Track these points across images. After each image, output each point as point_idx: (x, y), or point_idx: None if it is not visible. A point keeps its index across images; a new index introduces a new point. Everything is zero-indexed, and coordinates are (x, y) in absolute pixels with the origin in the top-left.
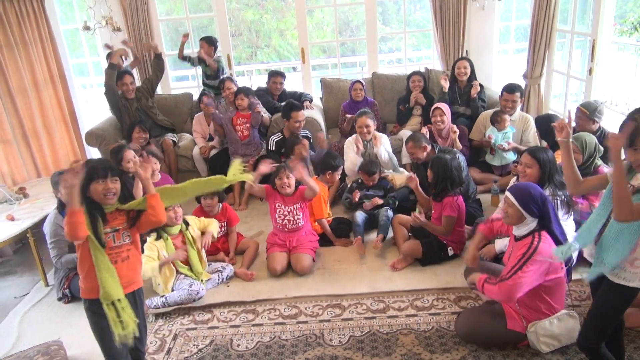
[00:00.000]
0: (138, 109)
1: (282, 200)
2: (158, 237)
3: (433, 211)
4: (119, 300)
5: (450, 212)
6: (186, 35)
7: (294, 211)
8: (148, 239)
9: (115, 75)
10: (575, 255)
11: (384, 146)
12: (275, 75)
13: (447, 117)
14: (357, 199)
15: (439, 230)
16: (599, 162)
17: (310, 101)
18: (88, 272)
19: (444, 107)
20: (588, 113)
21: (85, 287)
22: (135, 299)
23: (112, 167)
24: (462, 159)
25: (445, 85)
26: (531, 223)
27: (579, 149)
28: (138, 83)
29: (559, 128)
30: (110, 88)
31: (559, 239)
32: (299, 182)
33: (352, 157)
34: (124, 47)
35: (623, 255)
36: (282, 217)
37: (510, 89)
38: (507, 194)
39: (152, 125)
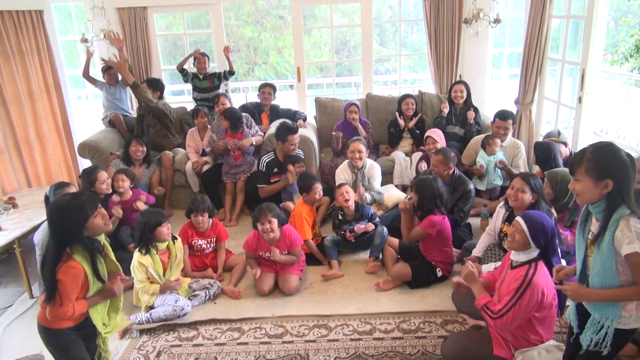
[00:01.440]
0: (143, 117)
1: (267, 248)
2: (147, 252)
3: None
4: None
5: (425, 228)
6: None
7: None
8: (135, 255)
9: (146, 87)
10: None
11: (374, 182)
12: (265, 86)
13: (440, 144)
14: (353, 239)
15: (405, 233)
16: None
17: (304, 120)
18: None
19: (436, 134)
20: (556, 138)
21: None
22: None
23: (93, 196)
24: (472, 191)
25: (445, 111)
26: (533, 252)
27: (549, 184)
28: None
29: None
30: (147, 100)
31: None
32: (284, 220)
33: (341, 176)
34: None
35: (619, 306)
36: (271, 261)
37: (502, 115)
38: (519, 219)
39: (148, 141)
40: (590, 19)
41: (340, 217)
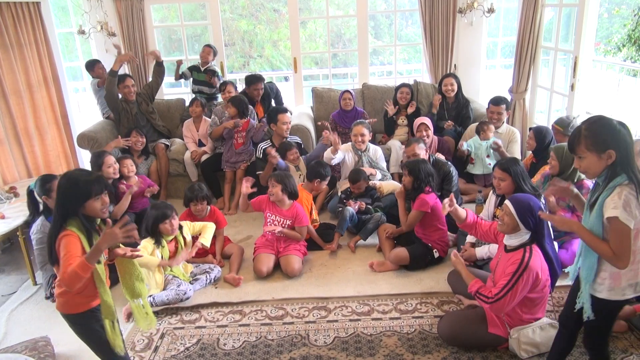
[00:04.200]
0: (138, 113)
1: (272, 209)
2: (157, 243)
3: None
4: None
5: (419, 207)
6: (180, 61)
7: (284, 225)
8: (143, 241)
9: (116, 81)
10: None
11: (380, 163)
12: (256, 82)
13: (432, 132)
14: (356, 208)
15: (402, 219)
16: (582, 175)
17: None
18: (84, 287)
19: (428, 121)
20: (562, 129)
21: (82, 301)
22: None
23: (103, 181)
24: (454, 172)
25: (435, 108)
26: (524, 235)
27: (556, 157)
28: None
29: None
30: (111, 93)
31: (549, 255)
32: (293, 191)
33: (339, 154)
34: (119, 50)
35: (595, 267)
36: (272, 241)
37: (495, 101)
38: (507, 202)
39: (149, 130)
40: (583, 7)
41: (348, 192)
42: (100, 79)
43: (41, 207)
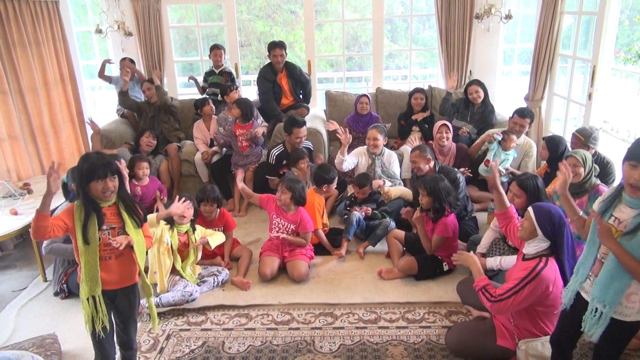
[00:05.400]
0: (155, 117)
1: (277, 212)
2: (170, 226)
3: (426, 228)
4: (97, 296)
5: (442, 233)
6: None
7: (288, 230)
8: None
9: (127, 99)
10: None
11: (394, 168)
12: (274, 48)
13: (451, 135)
14: (363, 213)
15: (426, 245)
16: (597, 180)
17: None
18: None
19: (449, 124)
20: (583, 139)
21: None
22: (129, 294)
23: (111, 164)
24: (462, 179)
25: (452, 88)
26: (542, 243)
27: (580, 162)
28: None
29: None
30: (126, 104)
31: (565, 271)
32: (300, 199)
33: (352, 159)
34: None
35: (622, 293)
36: (277, 229)
37: (522, 113)
38: (529, 208)
39: (159, 134)
40: (602, 16)
41: (352, 199)
42: (124, 74)
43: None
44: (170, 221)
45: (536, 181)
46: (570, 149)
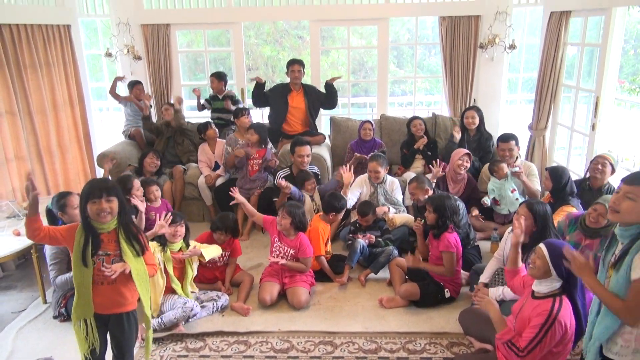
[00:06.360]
0: (170, 139)
1: (279, 236)
2: (162, 247)
3: (430, 253)
4: (89, 320)
5: (449, 248)
6: (197, 91)
7: (288, 254)
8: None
9: (150, 122)
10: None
11: (396, 195)
12: (293, 64)
13: (469, 166)
14: (366, 240)
15: (439, 270)
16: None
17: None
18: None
19: (470, 153)
20: (613, 163)
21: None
22: (123, 322)
23: (108, 187)
24: (462, 206)
25: (457, 136)
26: (555, 282)
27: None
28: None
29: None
30: (147, 127)
31: (578, 308)
32: (300, 225)
33: (354, 192)
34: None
35: (612, 329)
36: (277, 253)
37: (503, 138)
38: (541, 245)
39: (172, 155)
40: (605, 48)
41: (356, 225)
42: (137, 98)
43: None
44: (163, 242)
45: (545, 207)
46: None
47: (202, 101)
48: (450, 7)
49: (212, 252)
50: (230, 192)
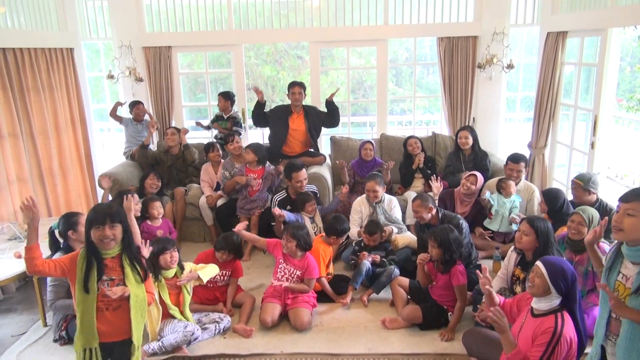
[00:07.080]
0: (173, 166)
1: (284, 257)
2: (155, 278)
3: (436, 284)
4: (93, 349)
5: (462, 280)
6: (200, 124)
7: (293, 275)
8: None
9: (146, 152)
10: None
11: (395, 214)
12: (294, 86)
13: (478, 187)
14: (370, 258)
15: (422, 284)
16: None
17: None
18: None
19: (480, 176)
20: (582, 184)
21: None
22: (125, 348)
23: (112, 213)
24: (465, 224)
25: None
26: (554, 300)
27: (585, 222)
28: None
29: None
30: (142, 159)
31: (578, 322)
32: (306, 245)
33: (356, 220)
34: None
35: None
36: (282, 275)
37: (514, 158)
38: (539, 263)
39: (173, 179)
40: (602, 67)
41: (361, 245)
42: (137, 119)
43: (61, 245)
44: (156, 272)
45: (547, 224)
46: (568, 200)
47: (208, 122)
48: (448, 28)
49: (209, 272)
50: (233, 230)
